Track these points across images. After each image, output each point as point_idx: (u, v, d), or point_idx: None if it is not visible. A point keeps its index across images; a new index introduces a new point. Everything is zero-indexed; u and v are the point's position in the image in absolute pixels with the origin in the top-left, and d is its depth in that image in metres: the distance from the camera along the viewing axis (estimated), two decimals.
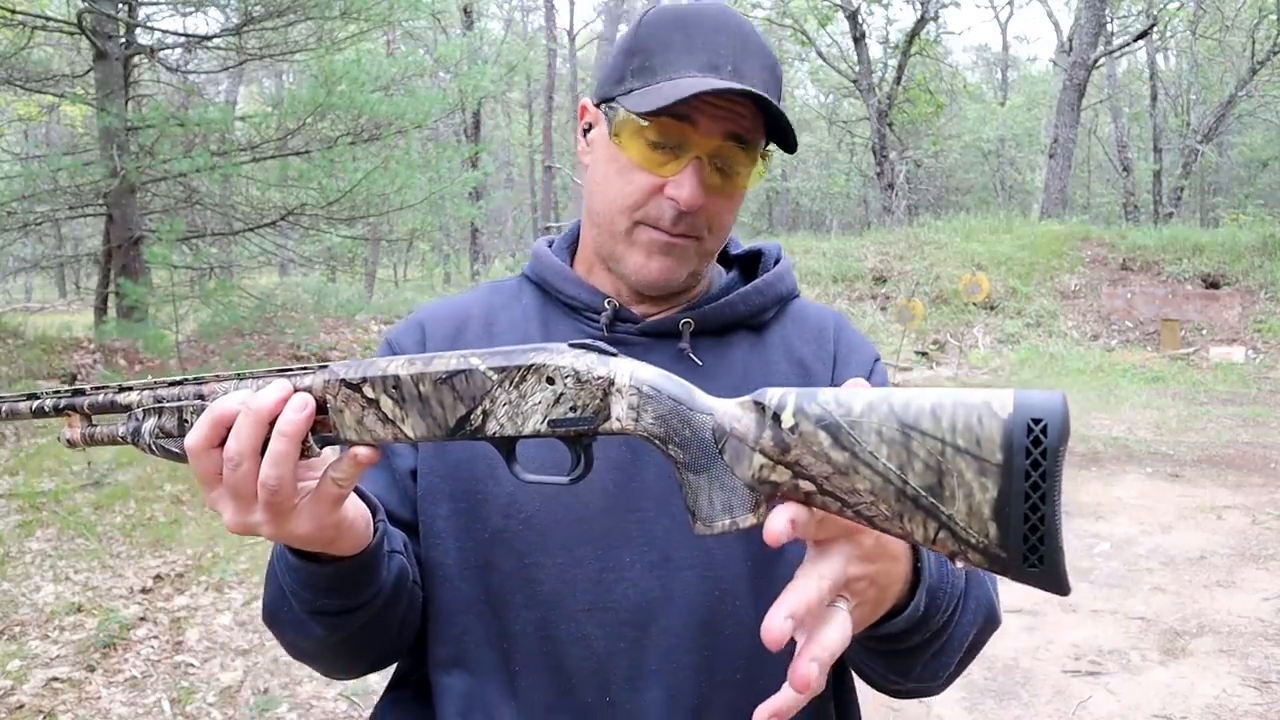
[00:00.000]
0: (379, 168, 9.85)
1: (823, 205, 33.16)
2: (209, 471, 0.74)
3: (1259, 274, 13.97)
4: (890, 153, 20.70)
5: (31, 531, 5.38)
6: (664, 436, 0.69)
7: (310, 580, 0.85)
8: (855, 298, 14.70)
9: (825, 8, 21.29)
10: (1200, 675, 3.87)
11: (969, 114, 29.85)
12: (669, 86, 0.90)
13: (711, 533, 0.68)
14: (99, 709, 3.58)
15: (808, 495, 0.65)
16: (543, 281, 1.08)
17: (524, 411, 0.71)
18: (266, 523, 0.74)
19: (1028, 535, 0.60)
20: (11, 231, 9.96)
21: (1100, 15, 19.11)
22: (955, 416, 0.61)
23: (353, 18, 10.06)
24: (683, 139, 0.93)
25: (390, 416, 0.73)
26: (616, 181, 0.97)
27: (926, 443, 0.61)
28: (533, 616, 0.95)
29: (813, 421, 0.64)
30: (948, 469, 0.61)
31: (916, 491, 0.62)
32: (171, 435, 0.78)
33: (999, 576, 0.68)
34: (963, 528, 0.61)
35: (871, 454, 0.62)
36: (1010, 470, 0.60)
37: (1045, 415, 0.60)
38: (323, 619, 0.88)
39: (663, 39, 0.94)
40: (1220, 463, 7.38)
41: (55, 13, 11.15)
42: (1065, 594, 0.62)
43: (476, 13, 23.98)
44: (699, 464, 0.68)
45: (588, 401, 0.70)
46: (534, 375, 0.71)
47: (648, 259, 0.98)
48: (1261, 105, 24.21)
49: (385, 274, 28.26)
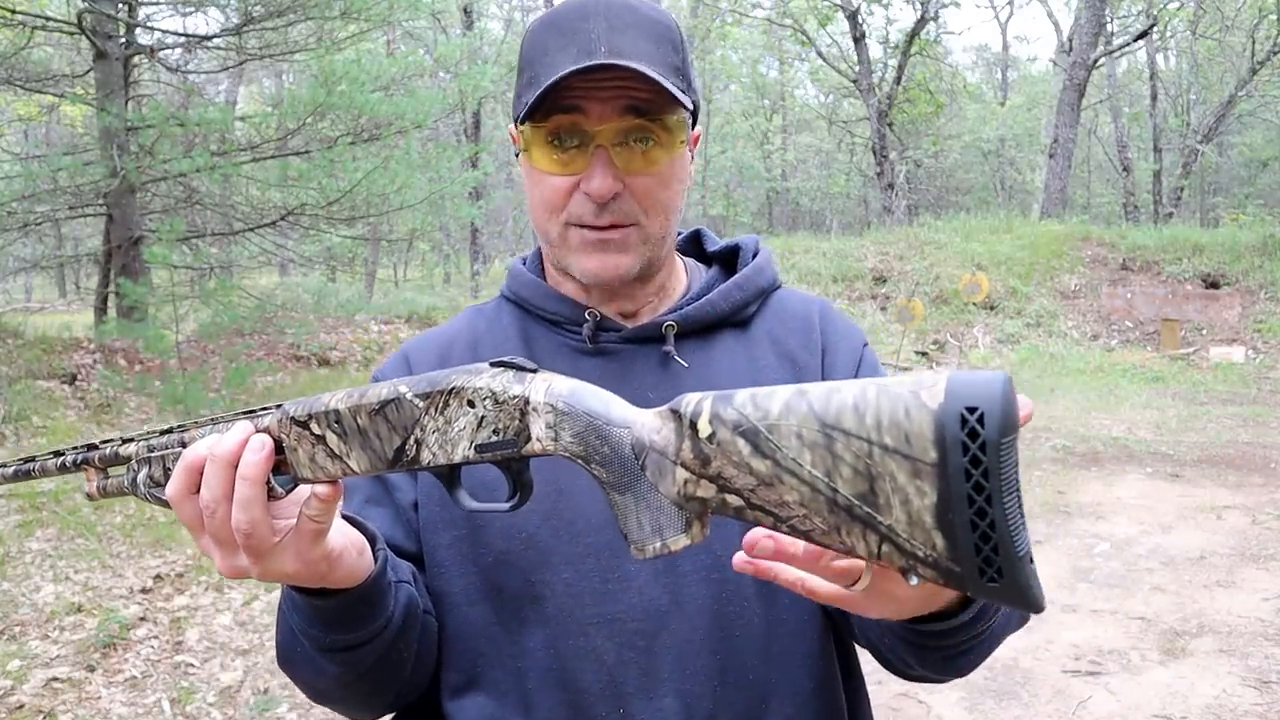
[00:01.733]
0: (379, 168, 9.84)
1: (823, 205, 33.14)
2: (193, 519, 0.75)
3: (1259, 274, 13.97)
4: (890, 153, 20.69)
5: (31, 531, 5.38)
6: (585, 455, 0.65)
7: (316, 616, 0.85)
8: (855, 298, 14.70)
9: (825, 8, 21.29)
10: (1200, 675, 3.87)
11: (969, 114, 29.84)
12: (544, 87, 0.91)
13: (644, 557, 0.64)
14: (99, 709, 3.58)
15: (738, 510, 0.59)
16: (521, 299, 1.07)
17: (451, 438, 0.68)
18: (252, 564, 0.74)
19: (979, 545, 0.52)
20: (11, 231, 9.96)
21: (1100, 15, 19.11)
22: (880, 411, 0.53)
23: (353, 18, 10.05)
24: (580, 133, 0.92)
25: (337, 452, 0.71)
26: (539, 194, 0.97)
27: (851, 444, 0.54)
28: (542, 635, 0.95)
29: (730, 428, 0.58)
30: (878, 473, 0.53)
31: (849, 500, 0.54)
32: (160, 484, 0.78)
33: None
34: (906, 539, 0.53)
35: (795, 461, 0.55)
36: (947, 470, 0.51)
37: (982, 403, 0.51)
38: (335, 656, 0.87)
39: (540, 45, 0.94)
40: (1220, 463, 7.38)
41: (55, 13, 11.15)
42: (1037, 610, 0.54)
43: (476, 13, 23.98)
44: (622, 483, 0.64)
45: (507, 423, 0.67)
46: (455, 399, 0.68)
47: (586, 258, 0.97)
48: (1261, 105, 24.21)
49: (385, 274, 28.25)
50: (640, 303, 1.05)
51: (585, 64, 0.88)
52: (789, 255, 15.86)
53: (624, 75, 0.90)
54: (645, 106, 0.92)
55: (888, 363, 12.07)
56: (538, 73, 0.93)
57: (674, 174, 0.97)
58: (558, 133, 0.93)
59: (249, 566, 0.75)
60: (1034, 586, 0.53)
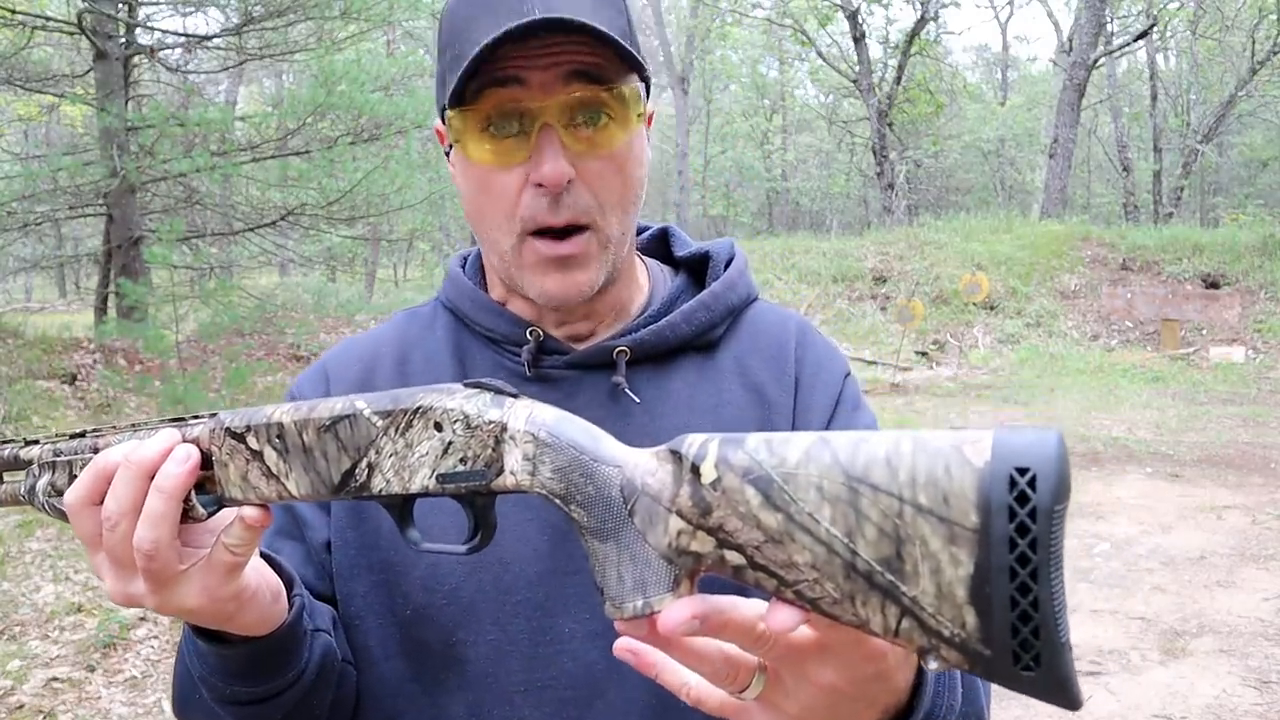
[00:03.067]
0: (379, 168, 9.84)
1: (823, 205, 33.14)
2: (91, 533, 0.66)
3: (1259, 274, 13.97)
4: (890, 153, 20.70)
5: (31, 531, 5.39)
6: (564, 494, 0.57)
7: (219, 664, 0.74)
8: (855, 298, 14.71)
9: (825, 8, 21.30)
10: (1200, 675, 3.87)
11: (969, 114, 29.85)
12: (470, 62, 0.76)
13: (622, 616, 0.54)
14: (99, 709, 3.58)
15: (736, 569, 0.51)
16: (457, 310, 0.94)
17: (410, 464, 0.60)
18: (149, 593, 0.65)
19: (1016, 626, 0.46)
20: (11, 231, 9.96)
21: (1100, 15, 19.12)
22: (915, 466, 0.46)
23: (353, 18, 10.05)
24: (519, 109, 0.78)
25: (274, 471, 0.63)
26: (481, 197, 0.83)
27: (880, 500, 0.47)
28: (464, 699, 0.85)
29: (739, 474, 0.50)
30: (907, 535, 0.46)
31: (869, 565, 0.47)
32: (62, 493, 0.69)
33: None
34: (931, 614, 0.47)
35: (811, 516, 0.48)
36: (989, 538, 0.45)
37: (1034, 463, 0.45)
38: (236, 709, 0.77)
39: (463, 18, 0.79)
40: (1220, 463, 7.38)
41: (55, 13, 11.15)
42: (1075, 707, 0.47)
43: None
44: (605, 529, 0.55)
45: (478, 452, 0.59)
46: (421, 420, 0.60)
47: (543, 277, 0.84)
48: (1261, 105, 24.21)
49: (385, 274, 28.25)
50: (594, 321, 0.92)
51: (513, 24, 0.74)
52: (789, 255, 15.86)
53: (565, 37, 0.76)
54: (594, 71, 0.78)
55: (888, 362, 12.07)
56: (461, 49, 0.77)
57: (631, 156, 0.83)
58: (494, 115, 0.79)
59: (144, 595, 0.65)
60: (1074, 679, 0.47)
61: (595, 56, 0.78)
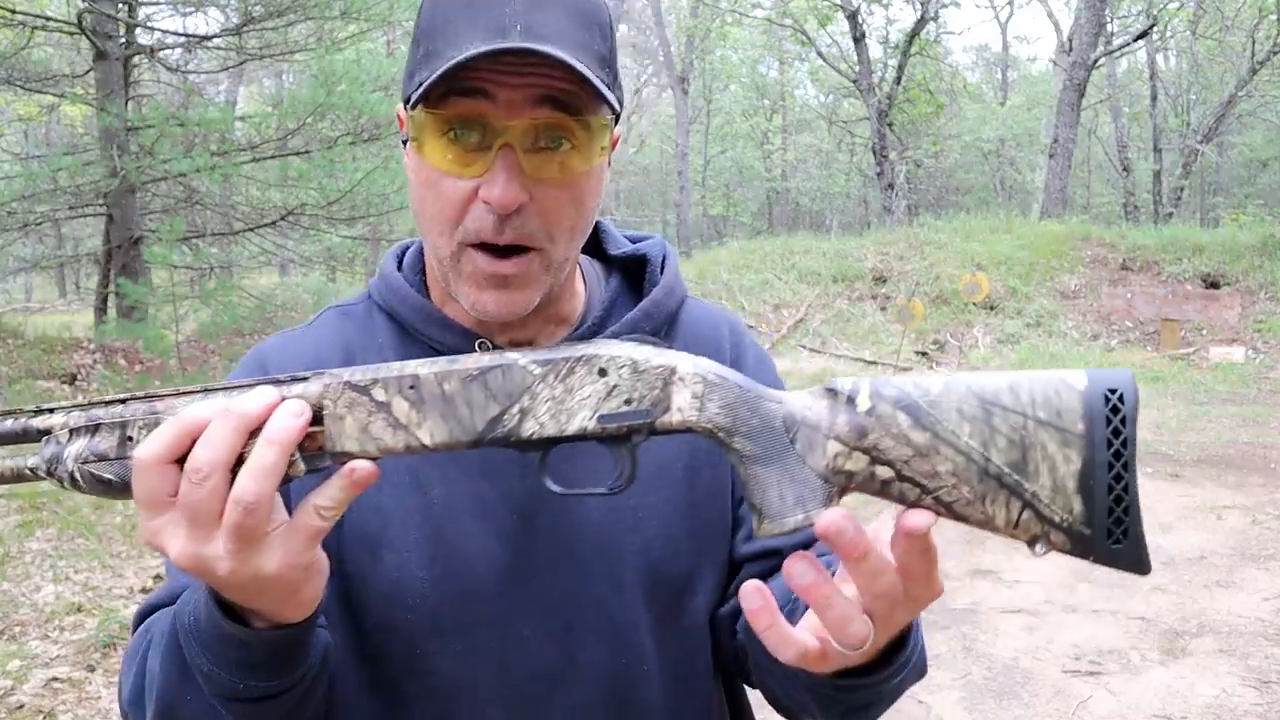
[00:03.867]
0: (379, 168, 9.85)
1: (823, 205, 33.14)
2: (157, 492, 0.63)
3: (1259, 274, 13.97)
4: (890, 153, 20.70)
5: (31, 531, 5.38)
6: (730, 427, 0.65)
7: (238, 655, 0.70)
8: (855, 298, 14.70)
9: (825, 8, 21.29)
10: (1200, 675, 3.87)
11: (969, 114, 29.85)
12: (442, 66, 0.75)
13: (783, 530, 0.64)
14: (99, 709, 3.58)
15: (884, 483, 0.63)
16: (396, 315, 0.92)
17: (569, 408, 0.65)
18: (229, 554, 0.62)
19: (1112, 507, 0.60)
20: (11, 231, 9.96)
21: (1100, 15, 19.12)
22: (1034, 391, 0.62)
23: (353, 18, 10.06)
24: (483, 123, 0.77)
25: (404, 421, 0.65)
26: (428, 198, 0.81)
27: (1009, 418, 0.61)
28: (430, 708, 0.86)
29: (890, 403, 0.63)
30: (1031, 443, 0.61)
31: (1000, 469, 0.61)
32: (106, 458, 0.66)
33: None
34: (1046, 505, 0.61)
35: (953, 433, 0.61)
36: (1092, 440, 0.60)
37: (1120, 385, 0.61)
38: (239, 707, 0.72)
39: (445, 15, 0.78)
40: (1220, 463, 7.38)
41: (55, 13, 11.16)
42: (1146, 572, 0.61)
43: None
44: (769, 455, 0.64)
45: (645, 393, 0.65)
46: (584, 367, 0.65)
47: (479, 292, 0.81)
48: (1261, 105, 24.21)
49: None
50: (534, 331, 0.91)
51: (495, 46, 0.73)
52: (789, 255, 15.86)
53: (540, 64, 0.75)
54: (564, 99, 0.77)
55: (888, 362, 12.07)
56: (437, 46, 0.77)
57: (588, 189, 0.82)
58: (456, 123, 0.77)
59: (219, 558, 0.63)
60: (1146, 549, 0.61)
61: (568, 83, 0.76)
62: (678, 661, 0.92)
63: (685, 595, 0.91)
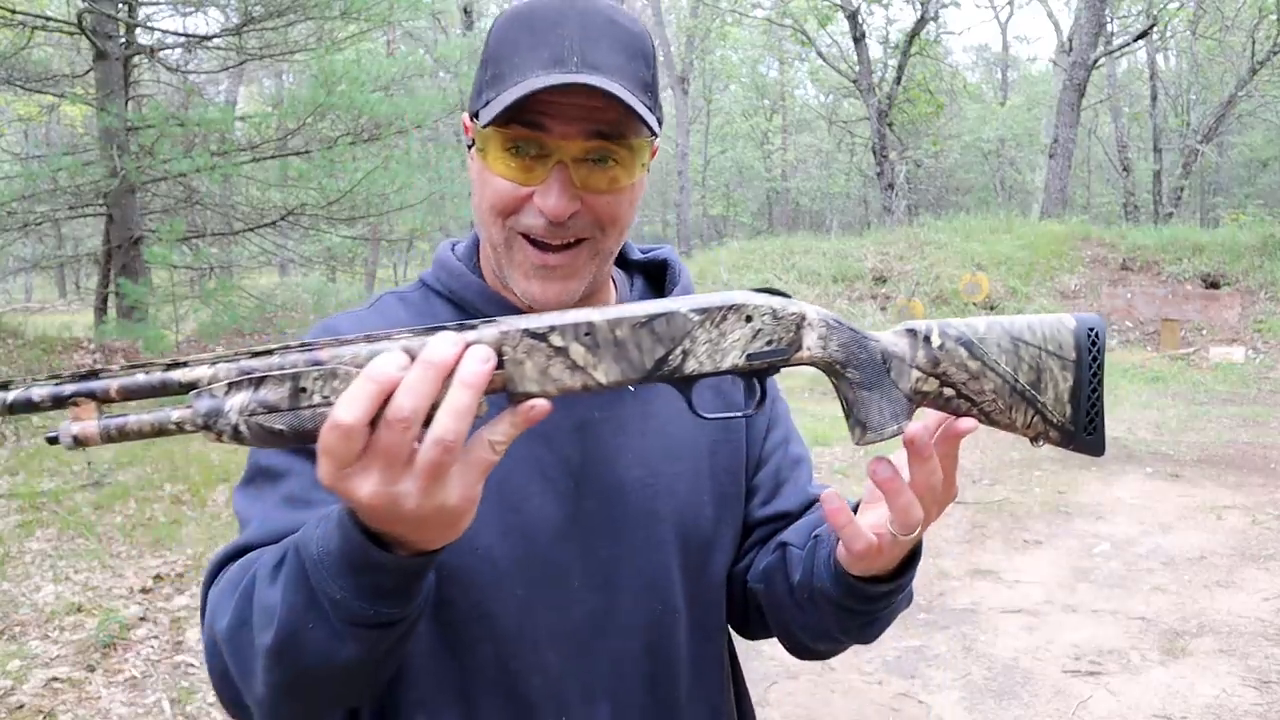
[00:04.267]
0: (379, 168, 9.85)
1: (823, 205, 33.13)
2: (354, 448, 0.67)
3: (1259, 274, 13.97)
4: (890, 153, 20.69)
5: (31, 531, 5.38)
6: (844, 361, 0.83)
7: (377, 581, 0.75)
8: (855, 298, 14.70)
9: (825, 8, 21.29)
10: (1200, 675, 3.87)
11: (969, 114, 29.84)
12: (515, 92, 0.86)
13: (882, 438, 0.82)
14: (99, 709, 3.58)
15: (947, 400, 0.84)
16: (456, 297, 1.02)
17: (723, 348, 0.78)
18: (420, 491, 0.68)
19: (1089, 410, 0.84)
20: (11, 231, 9.96)
21: (1100, 15, 19.11)
22: (1044, 330, 0.85)
23: (353, 18, 10.06)
24: (543, 147, 0.88)
25: (580, 364, 0.74)
26: (488, 193, 0.91)
27: (1029, 350, 0.84)
28: (491, 650, 0.95)
29: (954, 340, 0.84)
30: (1044, 367, 0.84)
31: (1023, 387, 0.84)
32: (278, 409, 0.68)
33: None
34: (1050, 411, 0.84)
35: (995, 361, 0.83)
36: (1080, 364, 0.84)
37: (1095, 325, 0.85)
38: (364, 633, 0.77)
39: (510, 42, 0.90)
40: (1220, 463, 7.38)
41: (55, 13, 11.16)
42: (1102, 453, 0.86)
43: (476, 13, 23.98)
44: (872, 382, 0.83)
45: (782, 335, 0.80)
46: (735, 314, 0.78)
47: (528, 281, 0.93)
48: (1261, 105, 24.20)
49: (385, 274, 28.23)
50: None
51: (556, 81, 0.84)
52: (789, 255, 15.86)
53: (594, 93, 0.86)
54: (610, 131, 0.88)
55: None
56: (503, 71, 0.89)
57: (633, 194, 0.94)
58: (518, 141, 0.89)
59: (410, 494, 0.68)
60: (1104, 437, 0.86)
61: (615, 114, 0.88)
62: (702, 612, 1.05)
63: (709, 552, 1.05)
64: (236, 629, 0.82)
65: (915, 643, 4.23)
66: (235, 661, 0.83)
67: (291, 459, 0.93)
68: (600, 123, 0.88)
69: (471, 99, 0.95)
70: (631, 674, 1.00)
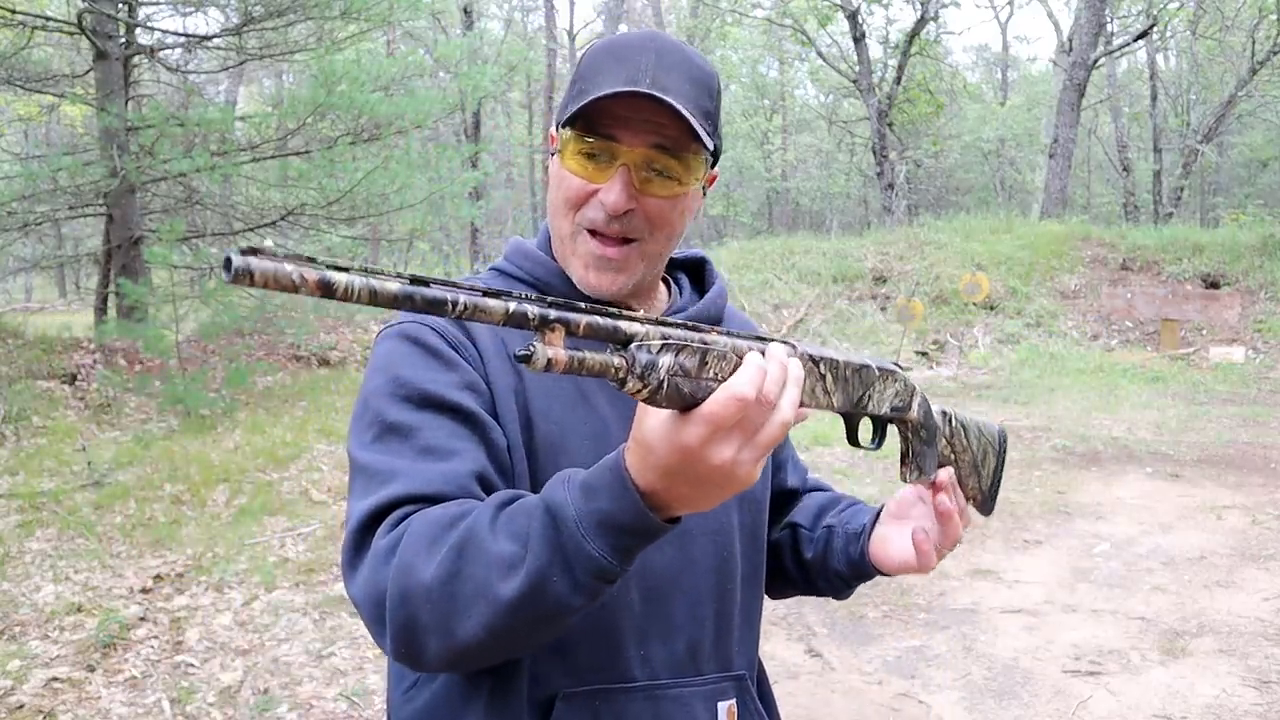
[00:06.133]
0: (379, 168, 9.84)
1: (823, 205, 33.11)
2: (738, 415, 0.78)
3: (1259, 274, 13.97)
4: (890, 153, 20.69)
5: (31, 531, 5.38)
6: (922, 423, 1.10)
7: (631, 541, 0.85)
8: (855, 298, 14.70)
9: (825, 8, 21.28)
10: (1200, 675, 3.87)
11: (969, 114, 29.82)
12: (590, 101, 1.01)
13: (928, 482, 1.14)
14: (99, 709, 3.58)
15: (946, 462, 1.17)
16: (540, 283, 1.14)
17: (885, 398, 1.03)
18: (752, 460, 0.81)
19: (994, 485, 1.24)
20: (11, 231, 9.95)
21: (1100, 15, 19.11)
22: (987, 429, 1.22)
23: (353, 18, 10.05)
24: (612, 152, 1.03)
25: (829, 389, 0.95)
26: (560, 189, 1.08)
27: (983, 441, 1.21)
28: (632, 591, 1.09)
29: (959, 424, 1.18)
30: (985, 454, 1.21)
31: (977, 464, 1.20)
32: (688, 375, 0.78)
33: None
34: (983, 481, 1.22)
35: (972, 445, 1.20)
36: (1000, 455, 1.24)
37: (1004, 430, 1.26)
38: (602, 587, 0.87)
39: (596, 65, 1.05)
40: (1220, 463, 7.38)
41: (55, 13, 11.16)
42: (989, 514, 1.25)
43: (476, 13, 23.98)
44: (930, 441, 1.12)
45: (906, 399, 1.07)
46: (892, 378, 1.04)
47: (585, 270, 1.08)
48: (1261, 105, 24.20)
49: None
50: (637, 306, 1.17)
51: (626, 88, 1.00)
52: (789, 255, 15.85)
53: (659, 110, 1.01)
54: (670, 144, 1.03)
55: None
56: (586, 88, 1.04)
57: (685, 204, 1.09)
58: (592, 148, 1.04)
59: (748, 461, 0.81)
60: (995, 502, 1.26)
61: (676, 131, 1.03)
62: (750, 568, 1.21)
63: (759, 512, 1.24)
64: (448, 580, 0.87)
65: (915, 643, 4.23)
66: (442, 611, 0.88)
67: (421, 415, 1.00)
68: (662, 136, 1.03)
69: (559, 112, 1.10)
70: (703, 616, 1.13)
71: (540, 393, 1.06)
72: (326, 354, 10.65)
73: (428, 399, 1.00)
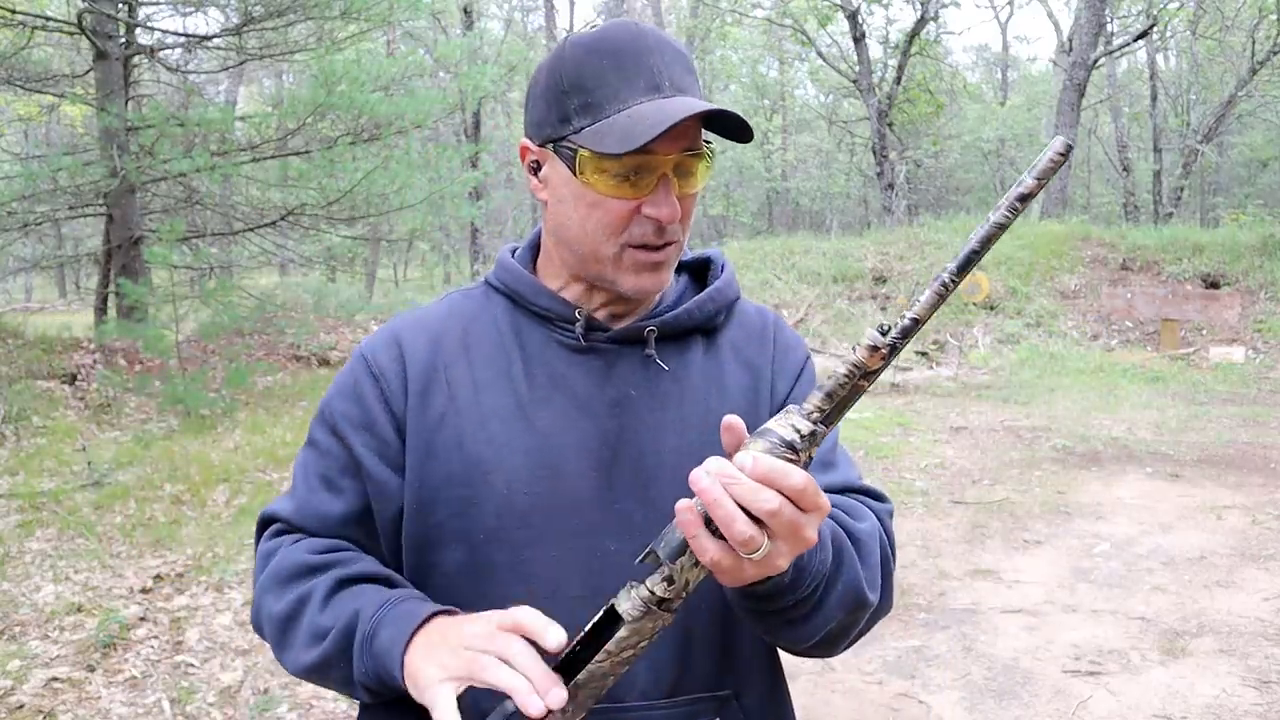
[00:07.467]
0: (379, 168, 9.84)
1: (823, 205, 33.09)
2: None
3: (1259, 274, 13.96)
4: (890, 153, 20.68)
5: (31, 531, 5.38)
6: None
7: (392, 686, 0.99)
8: (855, 298, 14.70)
9: (825, 8, 21.28)
10: (1200, 675, 3.87)
11: (969, 114, 29.80)
12: (624, 119, 0.97)
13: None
14: (99, 709, 3.58)
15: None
16: (513, 293, 1.14)
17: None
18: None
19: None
20: (11, 231, 9.96)
21: (1100, 15, 19.11)
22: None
23: (353, 18, 10.05)
24: (650, 165, 1.00)
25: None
26: (594, 214, 1.03)
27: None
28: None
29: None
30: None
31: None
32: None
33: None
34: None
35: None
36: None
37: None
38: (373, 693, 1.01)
39: (596, 72, 1.00)
40: (1220, 463, 7.38)
41: (55, 13, 11.16)
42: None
43: (476, 13, 23.96)
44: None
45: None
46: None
47: (638, 276, 1.06)
48: (1261, 105, 24.19)
49: (385, 274, 28.23)
50: (631, 306, 1.14)
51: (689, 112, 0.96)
52: (789, 255, 15.85)
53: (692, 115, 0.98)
54: (692, 144, 1.02)
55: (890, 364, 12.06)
56: (597, 99, 1.00)
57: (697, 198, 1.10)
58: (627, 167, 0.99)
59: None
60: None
61: (696, 130, 1.02)
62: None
63: None
64: (283, 621, 1.04)
65: (915, 643, 4.23)
66: (276, 639, 1.06)
67: (330, 440, 1.11)
68: (689, 139, 1.01)
69: (547, 124, 1.04)
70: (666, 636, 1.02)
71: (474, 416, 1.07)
72: (326, 354, 10.65)
73: (336, 430, 1.10)
